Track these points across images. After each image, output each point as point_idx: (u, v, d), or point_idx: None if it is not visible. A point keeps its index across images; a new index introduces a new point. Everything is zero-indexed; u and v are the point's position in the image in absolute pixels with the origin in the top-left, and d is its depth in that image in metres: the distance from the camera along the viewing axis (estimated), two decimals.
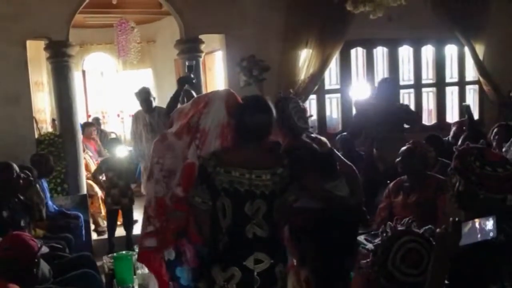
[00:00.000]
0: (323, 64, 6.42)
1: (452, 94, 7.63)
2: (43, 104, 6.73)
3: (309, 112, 4.09)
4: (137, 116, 5.72)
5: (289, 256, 2.54)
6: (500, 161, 2.11)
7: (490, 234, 1.90)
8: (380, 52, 7.22)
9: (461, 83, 7.58)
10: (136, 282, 3.51)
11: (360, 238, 3.80)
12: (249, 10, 6.29)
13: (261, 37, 6.27)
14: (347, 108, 6.92)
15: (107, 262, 4.00)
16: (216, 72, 7.97)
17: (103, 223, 6.14)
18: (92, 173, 5.98)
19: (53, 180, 5.68)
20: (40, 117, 6.43)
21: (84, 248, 4.71)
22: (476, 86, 7.60)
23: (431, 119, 7.64)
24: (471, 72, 7.57)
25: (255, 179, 2.25)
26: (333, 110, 7.19)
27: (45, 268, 3.19)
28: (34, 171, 4.51)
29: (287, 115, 2.95)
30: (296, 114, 2.99)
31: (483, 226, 1.91)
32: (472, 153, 2.11)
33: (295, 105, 3.04)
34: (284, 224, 2.50)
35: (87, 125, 7.61)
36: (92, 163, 6.70)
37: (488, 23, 6.97)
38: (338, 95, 7.01)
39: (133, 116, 5.84)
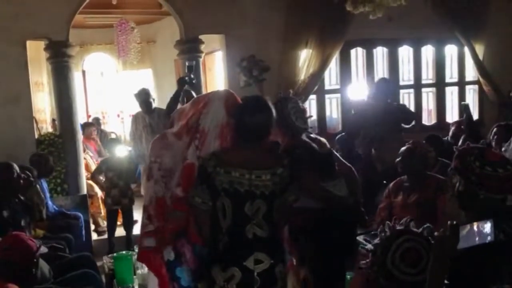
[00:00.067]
0: (323, 64, 6.42)
1: (452, 94, 7.62)
2: (43, 104, 6.73)
3: (309, 112, 4.10)
4: (136, 117, 5.72)
5: (289, 256, 2.54)
6: (500, 161, 2.11)
7: (488, 238, 1.90)
8: (380, 52, 7.22)
9: (461, 83, 7.57)
10: (136, 282, 3.51)
11: (360, 238, 3.80)
12: (249, 10, 6.29)
13: (261, 37, 6.26)
14: (347, 108, 6.90)
15: (107, 262, 4.00)
16: (216, 73, 7.97)
17: (103, 223, 6.14)
18: (92, 174, 5.98)
19: (53, 180, 5.68)
20: (40, 117, 6.43)
21: (84, 248, 4.71)
22: (476, 86, 7.60)
23: (431, 119, 7.63)
24: (471, 72, 7.56)
25: (255, 179, 2.25)
26: (333, 110, 7.20)
27: (45, 268, 3.20)
28: (34, 171, 4.51)
29: (286, 115, 2.95)
30: (295, 114, 2.99)
31: (481, 229, 1.91)
32: (472, 153, 2.11)
33: (294, 105, 3.03)
34: (284, 224, 2.50)
35: (87, 125, 7.60)
36: (93, 163, 6.70)
37: (488, 23, 6.96)
38: (338, 95, 7.01)
39: (132, 117, 5.84)
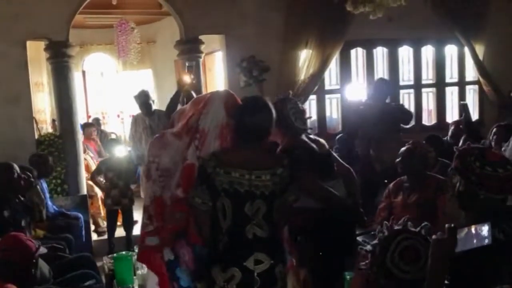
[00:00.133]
0: (323, 65, 6.42)
1: (452, 94, 7.61)
2: (43, 104, 6.73)
3: (308, 113, 4.10)
4: (136, 119, 5.68)
5: (289, 256, 2.54)
6: (501, 161, 2.11)
7: (486, 240, 1.91)
8: (380, 53, 7.21)
9: (461, 84, 7.56)
10: (136, 283, 3.50)
11: (360, 238, 3.80)
12: (249, 10, 6.29)
13: (261, 38, 6.26)
14: (347, 108, 6.91)
15: (107, 262, 3.99)
16: (216, 73, 7.96)
17: (103, 224, 6.14)
18: (91, 174, 5.97)
19: (53, 181, 5.68)
20: (40, 117, 6.43)
21: (84, 249, 4.71)
22: (476, 87, 7.59)
23: (431, 119, 7.62)
24: (471, 73, 7.55)
25: (255, 180, 2.25)
26: (333, 110, 7.19)
27: (45, 268, 3.19)
28: (34, 171, 4.51)
29: (285, 115, 2.95)
30: (294, 115, 2.99)
31: (479, 231, 1.91)
32: (472, 153, 2.11)
33: (294, 106, 3.04)
34: (284, 224, 2.50)
35: (87, 126, 7.59)
36: (93, 164, 6.68)
37: (488, 23, 6.96)
38: (338, 95, 7.01)
39: (132, 119, 5.82)
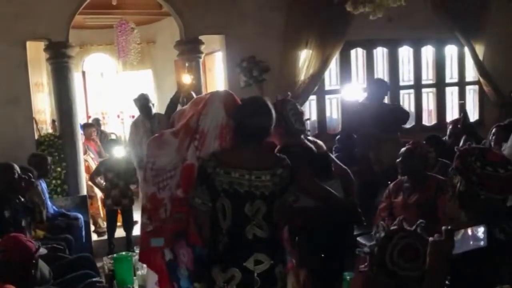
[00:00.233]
0: (323, 65, 6.42)
1: (452, 94, 7.61)
2: (43, 105, 6.73)
3: (308, 114, 4.12)
4: (136, 123, 5.55)
5: (289, 257, 2.54)
6: (501, 161, 2.11)
7: (481, 242, 1.91)
8: (380, 53, 7.21)
9: (461, 84, 7.56)
10: (136, 283, 3.50)
11: (360, 239, 3.80)
12: (249, 10, 6.29)
13: (261, 38, 6.26)
14: (344, 108, 6.90)
15: (107, 263, 3.99)
16: (216, 73, 7.96)
17: (103, 224, 6.14)
18: (90, 175, 5.96)
19: (53, 181, 5.68)
20: (40, 118, 6.42)
21: (84, 249, 4.70)
22: (476, 87, 7.58)
23: (431, 119, 7.62)
24: (471, 73, 7.55)
25: (254, 180, 2.24)
26: (333, 110, 7.19)
27: (45, 269, 3.19)
28: (34, 172, 4.50)
29: (285, 116, 2.97)
30: (293, 116, 3.01)
31: (475, 233, 1.91)
32: (473, 154, 2.11)
33: (293, 107, 3.06)
34: (284, 224, 2.49)
35: (87, 126, 7.57)
36: (94, 164, 6.66)
37: (488, 23, 6.96)
38: (338, 95, 7.00)
39: (131, 124, 5.71)
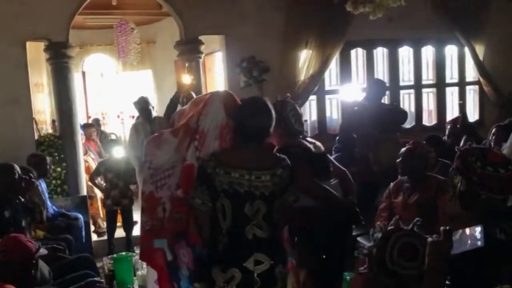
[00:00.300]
0: (323, 65, 6.41)
1: (452, 94, 7.60)
2: (43, 105, 6.73)
3: (308, 114, 4.12)
4: (136, 127, 5.52)
5: (289, 256, 2.54)
6: (502, 161, 2.11)
7: (478, 242, 1.91)
8: (380, 53, 7.21)
9: (461, 84, 7.55)
10: (136, 283, 3.50)
11: (360, 239, 3.80)
12: (249, 10, 6.29)
13: (261, 38, 6.26)
14: (343, 109, 6.89)
15: (107, 263, 3.99)
16: (216, 73, 7.96)
17: (103, 224, 6.13)
18: (90, 176, 5.95)
19: (53, 181, 5.68)
20: (40, 118, 6.42)
21: (84, 250, 4.70)
22: (476, 87, 7.58)
23: (431, 119, 7.62)
24: (471, 73, 7.55)
25: (254, 180, 2.24)
26: (333, 110, 7.19)
27: (45, 269, 3.18)
28: (34, 172, 4.50)
29: (285, 117, 2.99)
30: (293, 117, 3.04)
31: (472, 232, 1.91)
32: (473, 154, 2.11)
33: (292, 108, 3.08)
34: (284, 224, 2.49)
35: (87, 126, 7.57)
36: (95, 165, 6.65)
37: (488, 23, 6.95)
38: (338, 95, 7.00)
39: (131, 127, 5.68)
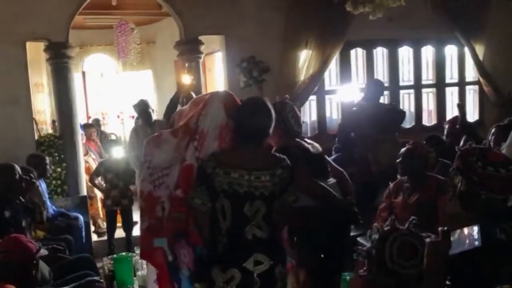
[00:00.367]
0: (323, 65, 6.41)
1: (452, 94, 7.60)
2: (43, 105, 6.73)
3: (308, 113, 4.13)
4: (136, 130, 5.47)
5: (288, 256, 2.54)
6: (502, 161, 2.11)
7: (476, 242, 1.91)
8: (380, 53, 7.21)
9: (461, 84, 7.55)
10: (136, 284, 3.50)
11: (360, 239, 3.79)
12: (249, 10, 6.29)
13: (261, 38, 6.26)
14: (342, 109, 6.89)
15: (107, 263, 3.99)
16: (216, 73, 7.96)
17: (103, 225, 6.14)
18: (89, 177, 5.95)
19: (53, 182, 5.67)
20: (40, 118, 6.42)
21: (84, 250, 4.70)
22: (476, 87, 7.58)
23: (431, 119, 7.62)
24: (471, 73, 7.54)
25: (254, 180, 2.24)
26: (333, 111, 7.19)
27: (45, 270, 3.19)
28: (34, 172, 4.50)
29: (284, 118, 3.02)
30: (292, 118, 3.07)
31: (470, 232, 1.91)
32: (474, 154, 2.11)
33: (291, 109, 3.11)
34: (283, 225, 2.49)
35: (87, 127, 7.56)
36: (95, 165, 6.64)
37: (488, 23, 6.95)
38: (337, 96, 7.00)
39: (131, 130, 5.65)
